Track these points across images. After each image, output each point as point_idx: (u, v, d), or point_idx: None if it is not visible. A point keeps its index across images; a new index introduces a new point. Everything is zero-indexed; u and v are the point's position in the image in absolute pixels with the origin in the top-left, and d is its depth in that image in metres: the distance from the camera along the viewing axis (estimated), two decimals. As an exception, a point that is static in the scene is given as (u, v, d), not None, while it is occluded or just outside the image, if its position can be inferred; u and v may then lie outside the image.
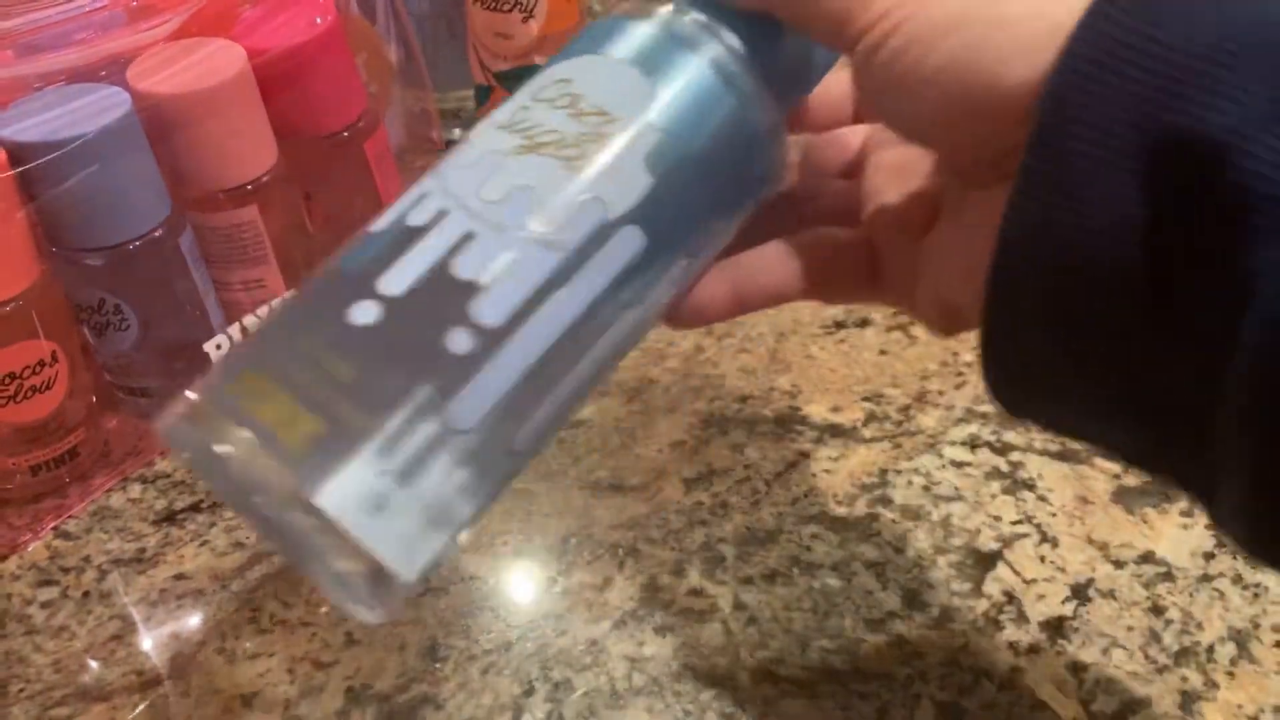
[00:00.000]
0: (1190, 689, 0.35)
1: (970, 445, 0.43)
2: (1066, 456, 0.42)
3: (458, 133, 0.61)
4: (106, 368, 0.45)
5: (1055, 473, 0.42)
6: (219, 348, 0.45)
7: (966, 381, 0.46)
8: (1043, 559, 0.39)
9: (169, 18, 0.43)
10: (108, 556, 0.41)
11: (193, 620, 0.39)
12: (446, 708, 0.35)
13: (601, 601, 0.38)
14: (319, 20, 0.46)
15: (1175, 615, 0.37)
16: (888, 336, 0.48)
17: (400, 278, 0.24)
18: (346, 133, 0.49)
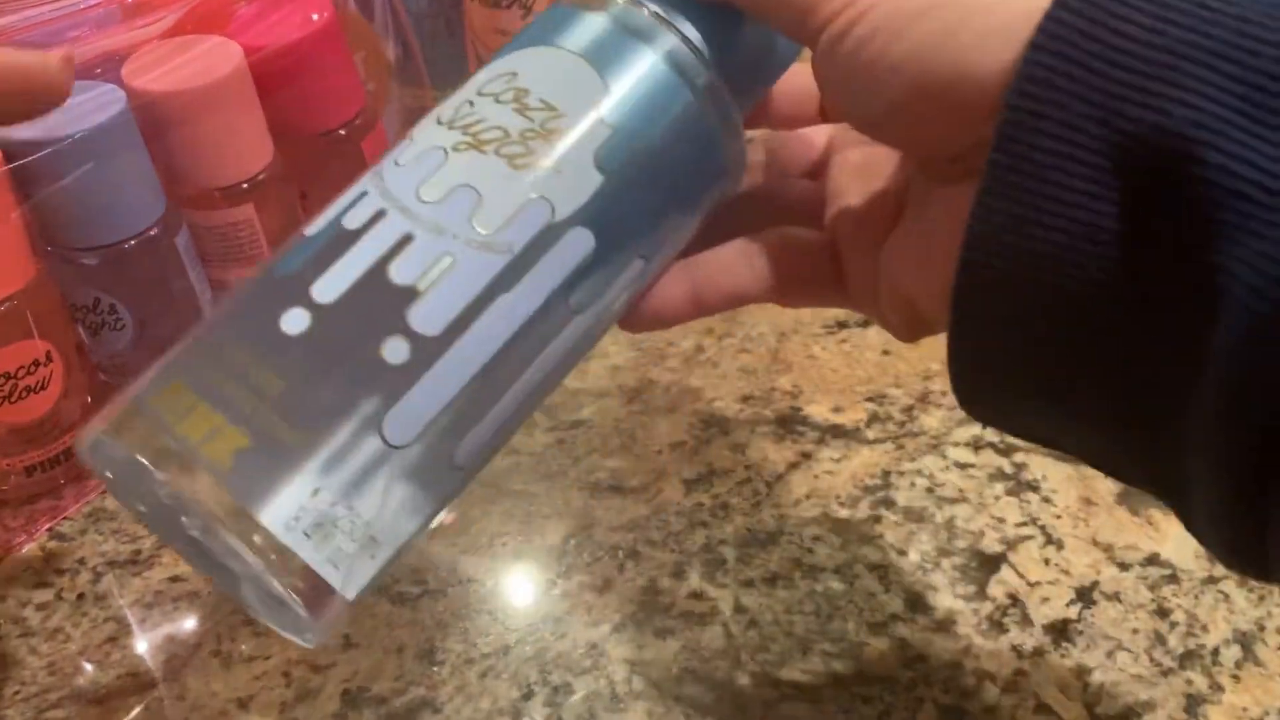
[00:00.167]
0: (1195, 692, 0.34)
1: (974, 446, 0.43)
2: (1071, 458, 0.42)
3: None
4: (102, 368, 0.45)
5: (1059, 474, 0.42)
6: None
7: (969, 381, 0.46)
8: (1047, 561, 0.39)
9: (164, 15, 0.43)
10: (103, 558, 0.41)
11: (188, 623, 0.38)
12: (444, 711, 0.35)
13: (601, 604, 0.38)
14: (315, 17, 0.46)
15: (1180, 618, 0.37)
16: (890, 337, 0.48)
17: (334, 284, 0.23)
18: (343, 131, 0.48)
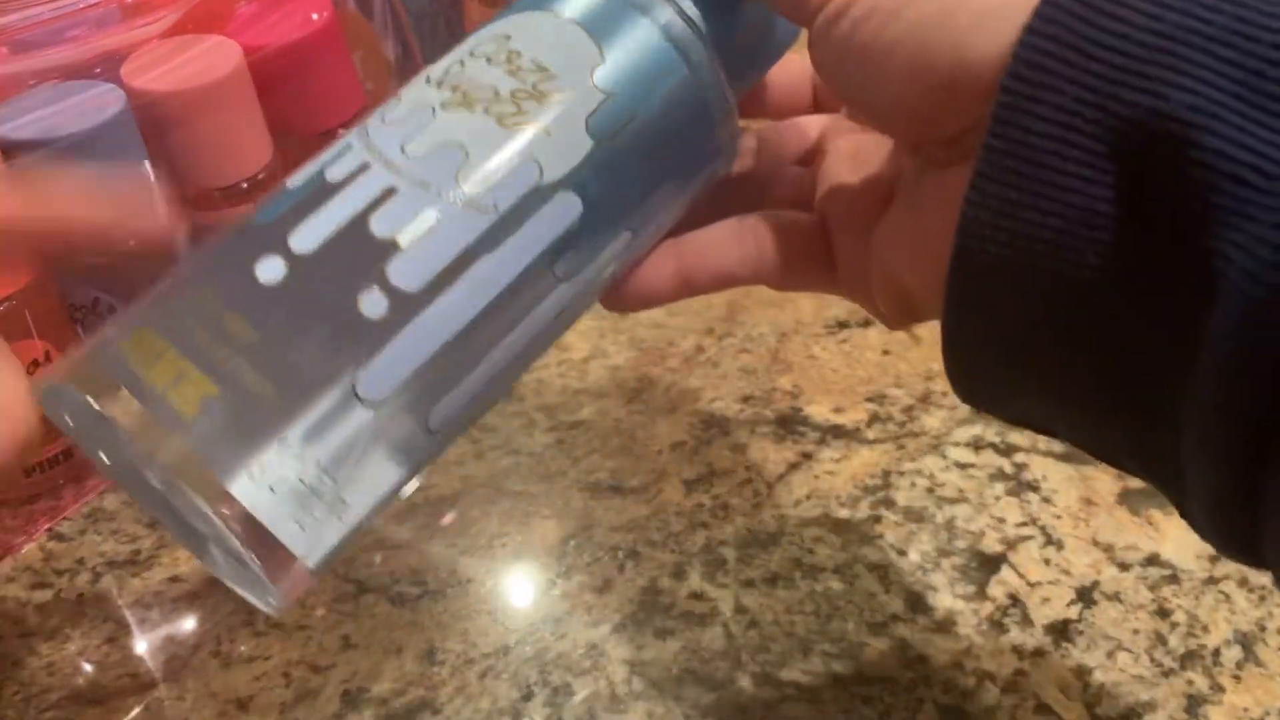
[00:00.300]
0: (1196, 692, 0.34)
1: (974, 446, 0.43)
2: (1071, 458, 0.42)
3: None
4: (101, 368, 0.45)
5: (1060, 474, 0.42)
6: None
7: (969, 381, 0.46)
8: (1047, 561, 0.38)
9: (164, 14, 0.43)
10: (102, 559, 0.41)
11: (188, 623, 0.38)
12: (444, 712, 0.35)
13: (601, 604, 0.38)
14: (315, 17, 0.46)
15: (1181, 618, 0.37)
16: (891, 336, 0.48)
17: (313, 234, 0.22)
18: (344, 130, 0.48)
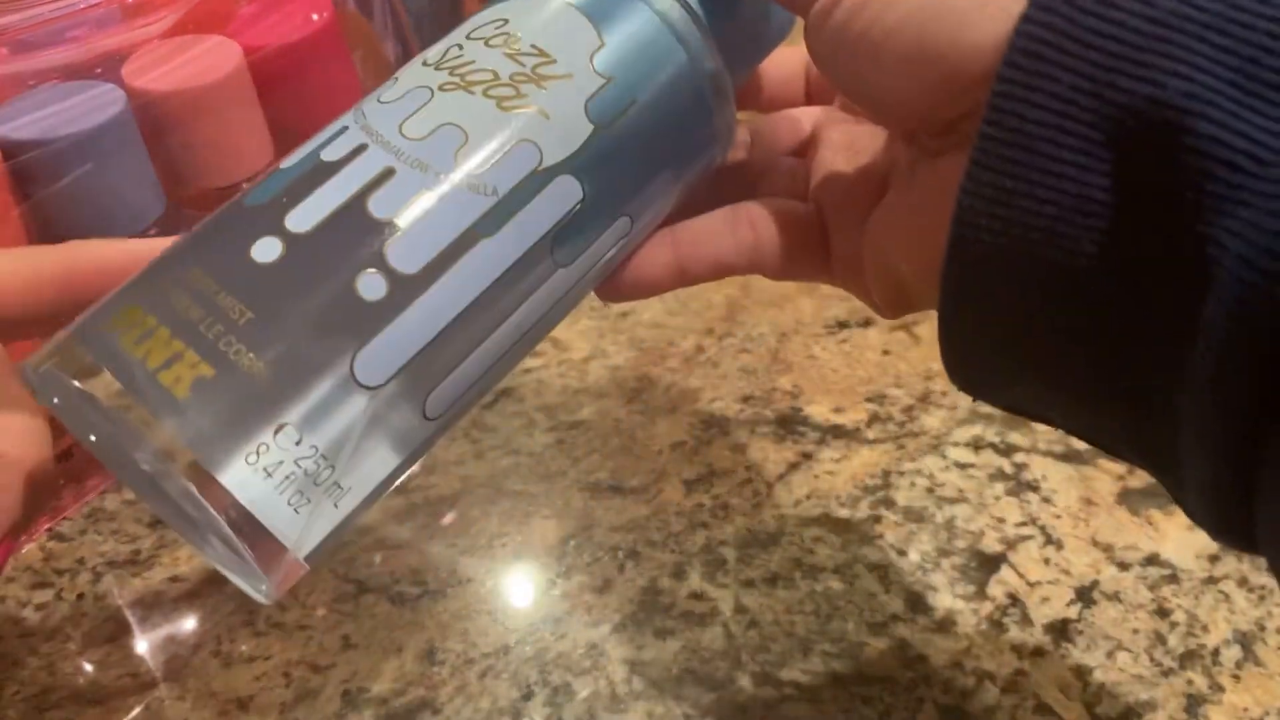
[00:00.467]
0: (1195, 692, 0.34)
1: (974, 446, 0.43)
2: (1071, 458, 0.42)
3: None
4: (101, 368, 0.45)
5: (1060, 474, 0.42)
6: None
7: (969, 381, 0.46)
8: (1047, 561, 0.38)
9: (164, 14, 0.43)
10: (102, 558, 0.41)
11: (188, 623, 0.38)
12: (444, 712, 0.35)
13: (601, 604, 0.38)
14: (315, 17, 0.46)
15: (1180, 618, 0.37)
16: (891, 336, 0.48)
17: (310, 214, 0.22)
18: (343, 130, 0.48)
